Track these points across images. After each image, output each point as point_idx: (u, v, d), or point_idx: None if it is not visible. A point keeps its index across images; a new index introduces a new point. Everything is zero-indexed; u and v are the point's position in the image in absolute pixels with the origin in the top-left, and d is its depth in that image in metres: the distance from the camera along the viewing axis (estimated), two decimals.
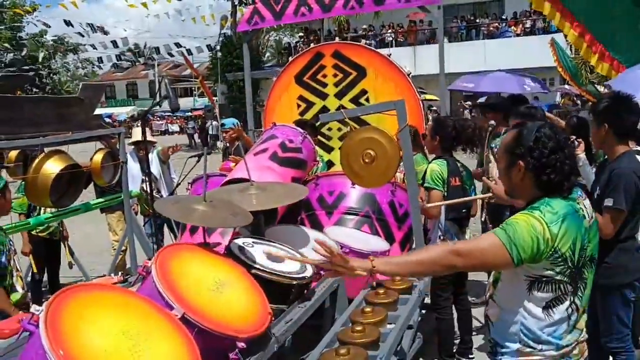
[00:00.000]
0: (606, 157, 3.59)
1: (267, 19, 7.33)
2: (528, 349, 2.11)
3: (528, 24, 26.16)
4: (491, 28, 27.03)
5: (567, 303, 2.08)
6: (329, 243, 2.37)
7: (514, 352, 2.14)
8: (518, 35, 26.07)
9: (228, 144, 6.54)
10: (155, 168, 6.64)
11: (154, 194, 5.86)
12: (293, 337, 2.91)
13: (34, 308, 1.79)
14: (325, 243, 2.27)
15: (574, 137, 4.97)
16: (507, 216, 5.17)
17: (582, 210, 2.10)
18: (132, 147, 6.70)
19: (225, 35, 27.75)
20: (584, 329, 2.20)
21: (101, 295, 2.00)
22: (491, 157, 5.21)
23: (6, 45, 29.57)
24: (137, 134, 6.67)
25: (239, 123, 6.97)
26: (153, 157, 6.67)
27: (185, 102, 40.07)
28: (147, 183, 4.06)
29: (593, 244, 2.14)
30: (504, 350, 2.17)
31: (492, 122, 5.34)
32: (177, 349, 1.95)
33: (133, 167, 6.42)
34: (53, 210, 5.41)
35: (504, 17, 27.57)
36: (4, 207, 3.60)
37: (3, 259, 3.39)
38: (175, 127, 43.69)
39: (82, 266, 6.63)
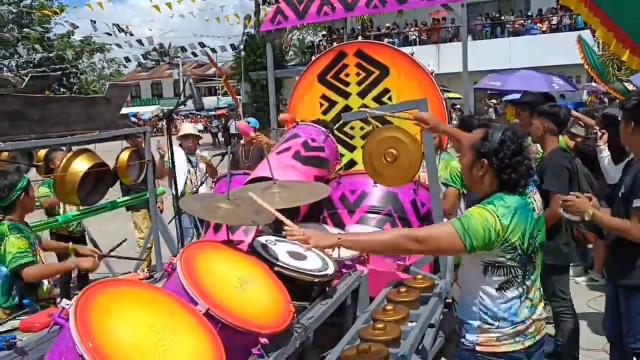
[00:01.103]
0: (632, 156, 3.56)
1: (290, 18, 7.35)
2: (487, 326, 2.34)
3: (554, 20, 25.76)
4: (516, 25, 26.69)
5: (517, 285, 2.33)
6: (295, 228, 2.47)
7: (475, 329, 2.37)
8: (544, 32, 25.68)
9: (244, 144, 6.59)
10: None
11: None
12: (315, 335, 2.94)
13: (64, 302, 1.85)
14: (294, 228, 2.43)
15: (598, 128, 4.91)
16: None
17: (532, 204, 2.35)
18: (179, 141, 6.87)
19: (248, 34, 27.87)
20: (540, 306, 2.42)
21: (128, 290, 2.06)
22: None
23: (35, 45, 30.10)
24: (185, 128, 6.97)
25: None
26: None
27: (209, 101, 40.37)
28: (174, 180, 4.11)
29: (542, 232, 2.40)
30: (467, 327, 2.40)
31: (517, 120, 5.29)
32: (201, 344, 1.99)
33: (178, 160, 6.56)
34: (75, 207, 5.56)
35: (529, 14, 27.20)
36: (29, 205, 3.69)
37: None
38: (199, 126, 44.01)
39: (108, 263, 6.75)
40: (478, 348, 2.34)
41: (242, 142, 6.73)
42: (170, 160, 4.29)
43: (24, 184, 3.55)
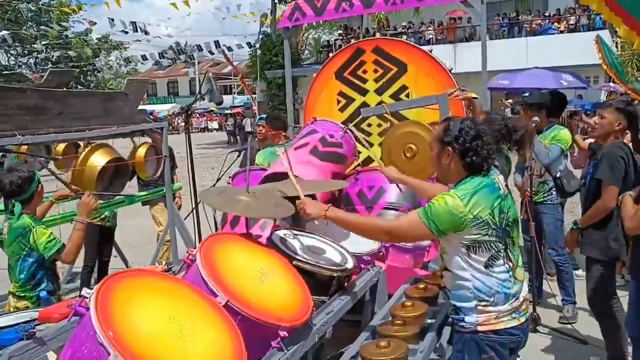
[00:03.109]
0: None
1: (308, 15, 7.30)
2: (483, 303, 2.45)
3: (572, 20, 25.50)
4: (534, 25, 26.46)
5: (502, 259, 2.47)
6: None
7: (473, 310, 2.47)
8: (562, 32, 25.43)
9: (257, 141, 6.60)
10: None
11: None
12: (333, 331, 2.91)
13: (84, 291, 1.85)
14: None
15: None
16: (546, 215, 5.12)
17: (498, 183, 2.52)
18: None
19: (264, 32, 27.92)
20: (526, 284, 2.59)
21: (148, 280, 2.05)
22: (534, 153, 5.12)
23: (56, 41, 30.40)
24: None
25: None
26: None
27: (224, 100, 40.49)
28: (191, 173, 4.11)
29: (513, 209, 2.56)
30: (465, 310, 2.49)
31: (536, 118, 5.24)
32: (221, 335, 1.98)
33: None
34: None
35: (547, 13, 26.95)
36: (41, 196, 3.72)
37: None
38: (214, 125, 44.27)
39: (124, 257, 6.79)
40: (479, 328, 2.46)
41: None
42: (188, 157, 4.30)
43: (38, 176, 3.64)
